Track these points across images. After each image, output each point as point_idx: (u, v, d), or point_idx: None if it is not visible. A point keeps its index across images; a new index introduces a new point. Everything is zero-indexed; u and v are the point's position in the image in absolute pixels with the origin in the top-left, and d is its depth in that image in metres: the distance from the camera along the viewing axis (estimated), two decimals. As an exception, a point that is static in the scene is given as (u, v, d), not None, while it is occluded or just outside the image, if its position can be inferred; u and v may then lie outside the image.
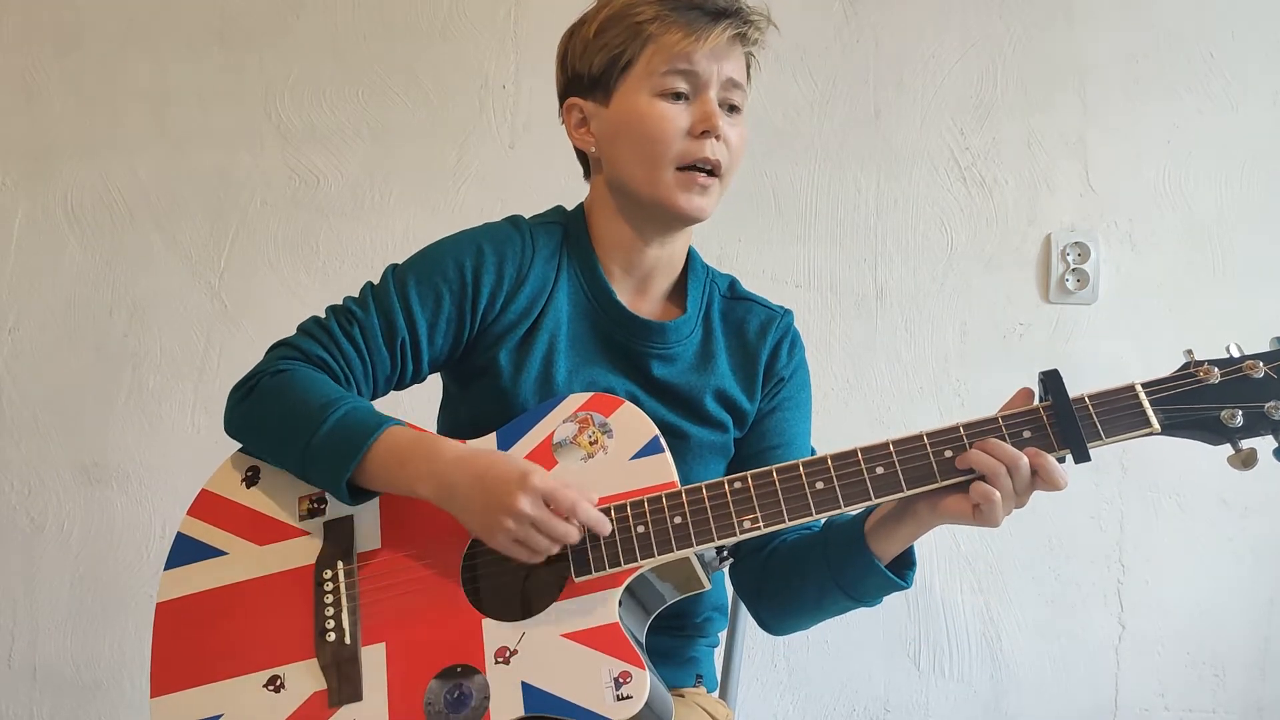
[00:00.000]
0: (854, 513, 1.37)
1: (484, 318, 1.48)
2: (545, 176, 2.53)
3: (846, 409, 2.49)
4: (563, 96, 1.55)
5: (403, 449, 1.34)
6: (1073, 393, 1.30)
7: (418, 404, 1.58)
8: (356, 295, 1.49)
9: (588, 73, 1.49)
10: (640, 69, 1.45)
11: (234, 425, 1.45)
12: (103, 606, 2.58)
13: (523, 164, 2.58)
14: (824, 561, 1.44)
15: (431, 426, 1.54)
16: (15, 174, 2.66)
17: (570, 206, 1.59)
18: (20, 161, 2.66)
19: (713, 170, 1.45)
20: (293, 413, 1.37)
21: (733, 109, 1.48)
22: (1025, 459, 1.28)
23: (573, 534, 1.29)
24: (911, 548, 1.42)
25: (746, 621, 1.80)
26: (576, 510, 1.29)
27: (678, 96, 1.44)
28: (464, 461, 1.32)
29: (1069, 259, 2.47)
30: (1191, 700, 2.43)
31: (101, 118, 2.65)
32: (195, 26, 2.65)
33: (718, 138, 1.44)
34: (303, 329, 1.47)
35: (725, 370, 1.54)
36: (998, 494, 1.28)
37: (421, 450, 1.34)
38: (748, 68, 1.52)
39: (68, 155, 2.65)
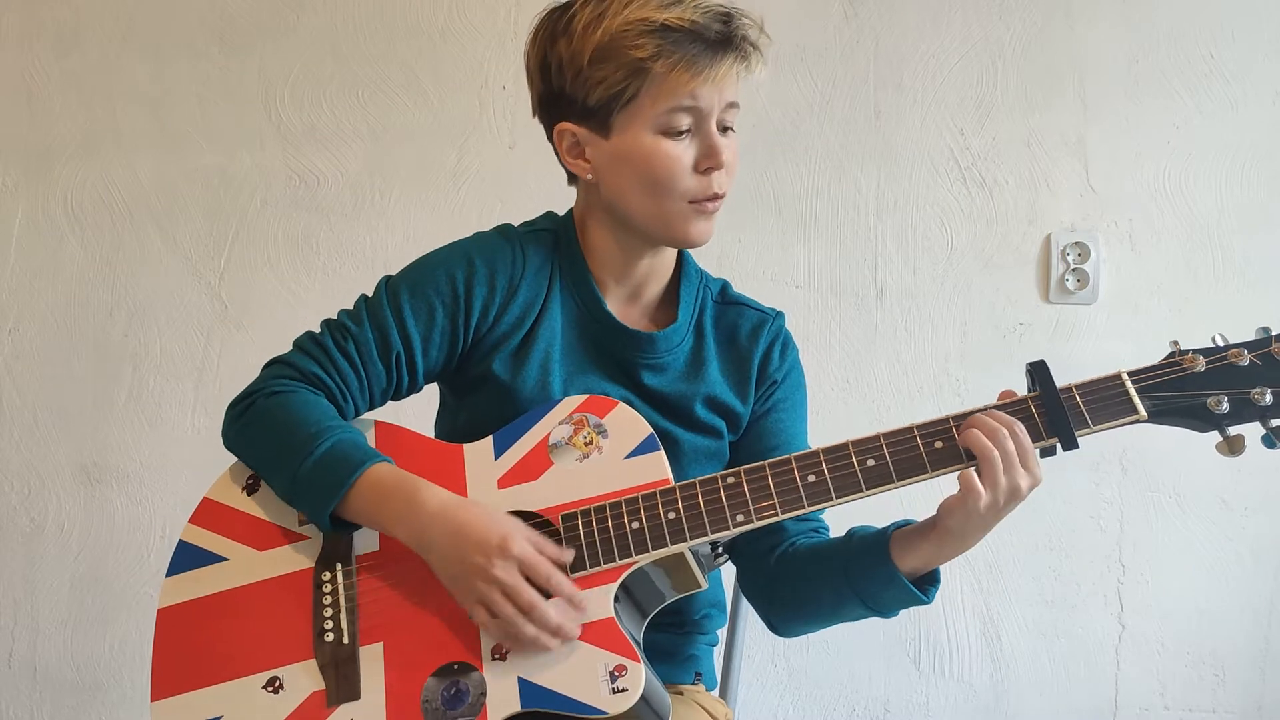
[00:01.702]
0: (847, 503, 1.35)
1: (477, 329, 1.48)
2: (545, 176, 2.48)
3: (846, 409, 2.50)
4: (545, 107, 1.49)
5: (384, 489, 1.35)
6: (1060, 383, 1.32)
7: (416, 409, 1.58)
8: (350, 309, 1.49)
9: (581, 102, 1.43)
10: (643, 106, 1.40)
11: (229, 442, 1.46)
12: (103, 607, 2.59)
13: (523, 164, 2.58)
14: (844, 570, 1.42)
15: (429, 433, 1.54)
16: (15, 174, 2.67)
17: (558, 212, 1.59)
18: (20, 161, 2.67)
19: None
20: (281, 441, 1.38)
21: (727, 130, 1.46)
22: (1020, 424, 1.30)
23: (539, 603, 1.27)
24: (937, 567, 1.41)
25: (746, 621, 1.80)
26: (551, 580, 1.29)
27: (680, 134, 1.42)
28: (442, 514, 1.32)
29: (1069, 259, 2.47)
30: (1191, 700, 2.43)
31: (101, 118, 2.66)
32: (195, 26, 2.66)
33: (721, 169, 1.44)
34: (298, 345, 1.47)
35: (716, 377, 1.54)
36: (996, 452, 1.28)
37: (402, 493, 1.34)
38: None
39: (68, 155, 2.66)
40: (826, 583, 1.45)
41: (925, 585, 1.40)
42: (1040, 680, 2.45)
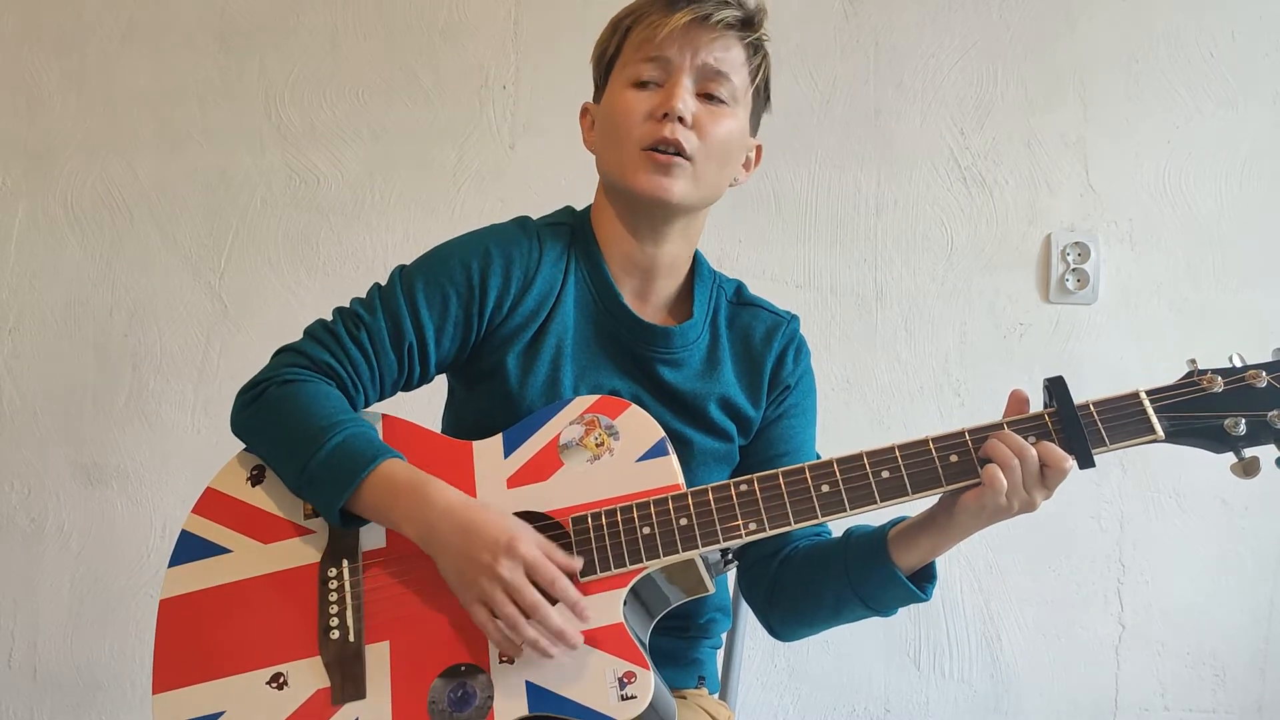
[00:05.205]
0: (860, 514, 1.37)
1: (491, 320, 1.47)
2: (545, 176, 2.53)
3: (847, 409, 2.49)
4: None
5: (395, 486, 1.34)
6: (1077, 399, 1.31)
7: (420, 404, 1.58)
8: (364, 297, 1.48)
9: (594, 79, 1.54)
10: (620, 64, 1.49)
11: (238, 428, 1.45)
12: (103, 606, 2.58)
13: (523, 164, 2.58)
14: (844, 571, 1.43)
15: (436, 426, 1.54)
16: (15, 174, 2.66)
17: (575, 207, 1.59)
18: (20, 161, 2.66)
19: (678, 152, 1.43)
20: (293, 432, 1.37)
21: (712, 98, 1.46)
22: (1034, 451, 1.29)
23: (541, 605, 1.26)
24: (933, 561, 1.41)
25: (747, 623, 1.80)
26: (555, 584, 1.28)
27: (645, 85, 1.45)
28: (451, 512, 1.31)
29: (1069, 259, 2.47)
30: (1191, 700, 2.43)
31: (101, 118, 2.65)
32: (195, 26, 2.65)
33: (680, 120, 1.42)
34: (310, 333, 1.46)
35: (730, 378, 1.54)
36: (1017, 461, 1.28)
37: (413, 490, 1.33)
38: (755, 58, 1.50)
39: (68, 155, 2.65)
40: (827, 585, 1.45)
41: (923, 583, 1.41)
42: (1040, 680, 2.45)
